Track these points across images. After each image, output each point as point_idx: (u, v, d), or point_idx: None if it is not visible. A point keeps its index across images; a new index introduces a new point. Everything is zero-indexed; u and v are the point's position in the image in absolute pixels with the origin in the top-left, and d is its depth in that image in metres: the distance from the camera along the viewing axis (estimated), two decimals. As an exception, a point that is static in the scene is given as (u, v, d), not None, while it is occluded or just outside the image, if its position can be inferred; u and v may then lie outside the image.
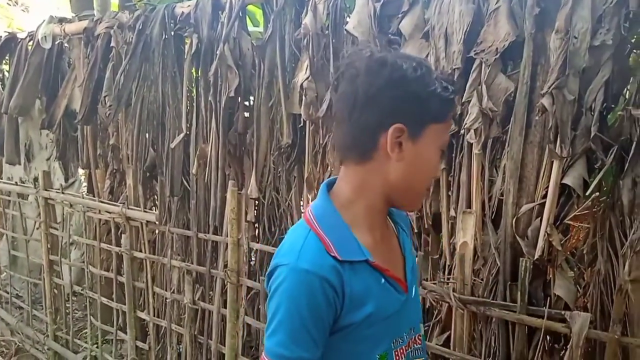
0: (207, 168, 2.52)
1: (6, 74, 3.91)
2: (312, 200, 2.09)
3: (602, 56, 1.49)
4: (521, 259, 1.57)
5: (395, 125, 0.93)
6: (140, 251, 2.82)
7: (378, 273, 0.98)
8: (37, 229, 3.48)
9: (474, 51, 1.66)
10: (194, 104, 2.60)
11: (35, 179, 3.34)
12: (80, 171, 3.80)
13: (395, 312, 1.00)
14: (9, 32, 3.85)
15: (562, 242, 1.62)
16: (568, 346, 1.50)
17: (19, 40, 3.56)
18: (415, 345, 1.07)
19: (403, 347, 1.03)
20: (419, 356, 1.08)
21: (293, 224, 1.71)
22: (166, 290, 2.75)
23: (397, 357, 1.02)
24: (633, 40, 1.57)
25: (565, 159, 1.54)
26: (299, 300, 0.90)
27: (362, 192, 0.99)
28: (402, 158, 0.95)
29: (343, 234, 0.96)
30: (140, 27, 2.65)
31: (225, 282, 2.35)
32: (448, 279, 1.81)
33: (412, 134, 0.94)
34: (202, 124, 2.54)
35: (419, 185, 1.01)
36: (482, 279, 1.73)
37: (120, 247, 2.84)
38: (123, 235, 2.83)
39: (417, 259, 1.32)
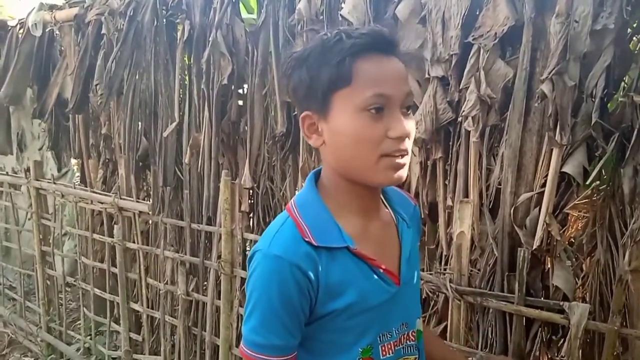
0: (200, 157, 2.48)
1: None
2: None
3: (604, 41, 1.45)
4: (519, 249, 1.54)
5: (301, 115, 0.93)
6: (133, 242, 2.78)
7: (362, 262, 0.94)
8: (29, 219, 3.44)
9: (472, 36, 1.62)
10: (187, 92, 2.55)
11: (27, 169, 3.30)
12: (73, 161, 3.76)
13: (382, 304, 0.95)
14: (-1, 20, 3.79)
15: (561, 232, 1.58)
16: (567, 337, 1.48)
17: (10, 28, 3.49)
18: (408, 342, 1.02)
19: (392, 342, 0.98)
20: (411, 354, 1.03)
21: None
22: (159, 282, 2.72)
23: (384, 352, 0.97)
24: (635, 25, 1.53)
25: (565, 147, 1.50)
26: (269, 286, 0.88)
27: (331, 180, 0.97)
28: (324, 141, 0.93)
29: (323, 221, 0.93)
30: (132, 13, 2.60)
31: (219, 273, 2.32)
32: (445, 269, 1.78)
33: (321, 114, 0.91)
34: (195, 112, 2.50)
35: (361, 158, 0.89)
36: (479, 269, 1.70)
37: (113, 237, 2.81)
38: (116, 226, 2.79)
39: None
